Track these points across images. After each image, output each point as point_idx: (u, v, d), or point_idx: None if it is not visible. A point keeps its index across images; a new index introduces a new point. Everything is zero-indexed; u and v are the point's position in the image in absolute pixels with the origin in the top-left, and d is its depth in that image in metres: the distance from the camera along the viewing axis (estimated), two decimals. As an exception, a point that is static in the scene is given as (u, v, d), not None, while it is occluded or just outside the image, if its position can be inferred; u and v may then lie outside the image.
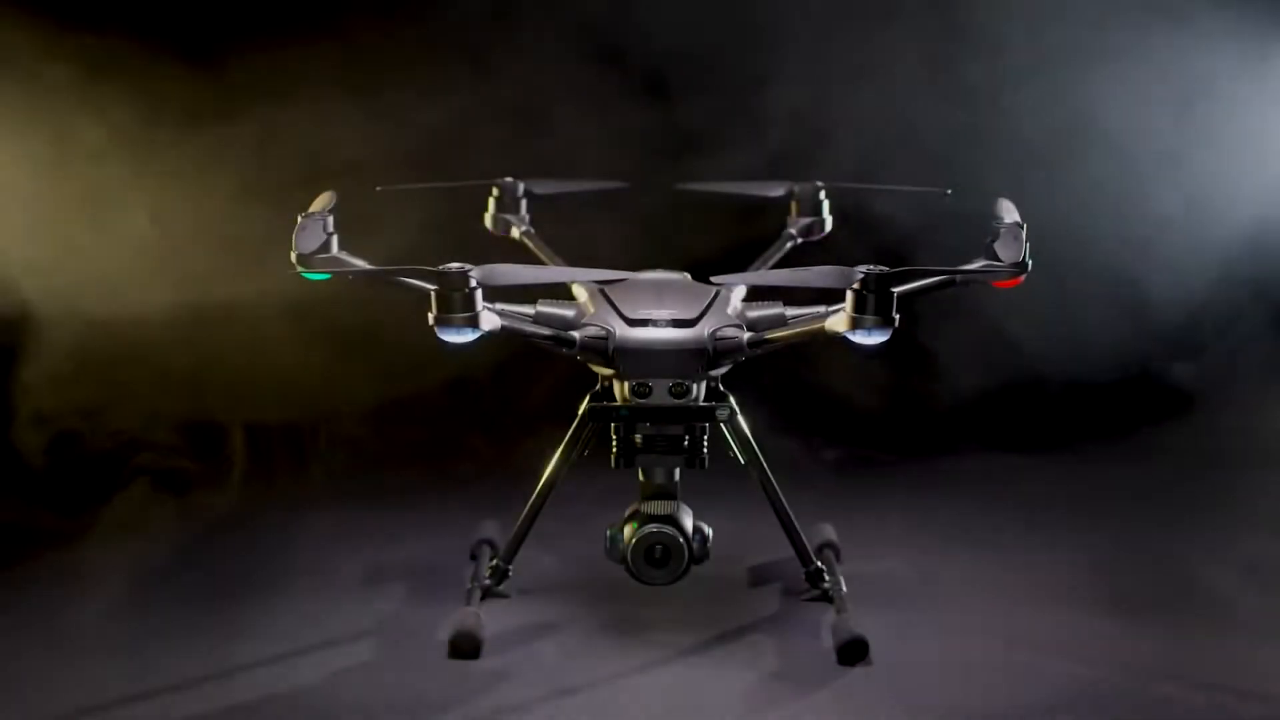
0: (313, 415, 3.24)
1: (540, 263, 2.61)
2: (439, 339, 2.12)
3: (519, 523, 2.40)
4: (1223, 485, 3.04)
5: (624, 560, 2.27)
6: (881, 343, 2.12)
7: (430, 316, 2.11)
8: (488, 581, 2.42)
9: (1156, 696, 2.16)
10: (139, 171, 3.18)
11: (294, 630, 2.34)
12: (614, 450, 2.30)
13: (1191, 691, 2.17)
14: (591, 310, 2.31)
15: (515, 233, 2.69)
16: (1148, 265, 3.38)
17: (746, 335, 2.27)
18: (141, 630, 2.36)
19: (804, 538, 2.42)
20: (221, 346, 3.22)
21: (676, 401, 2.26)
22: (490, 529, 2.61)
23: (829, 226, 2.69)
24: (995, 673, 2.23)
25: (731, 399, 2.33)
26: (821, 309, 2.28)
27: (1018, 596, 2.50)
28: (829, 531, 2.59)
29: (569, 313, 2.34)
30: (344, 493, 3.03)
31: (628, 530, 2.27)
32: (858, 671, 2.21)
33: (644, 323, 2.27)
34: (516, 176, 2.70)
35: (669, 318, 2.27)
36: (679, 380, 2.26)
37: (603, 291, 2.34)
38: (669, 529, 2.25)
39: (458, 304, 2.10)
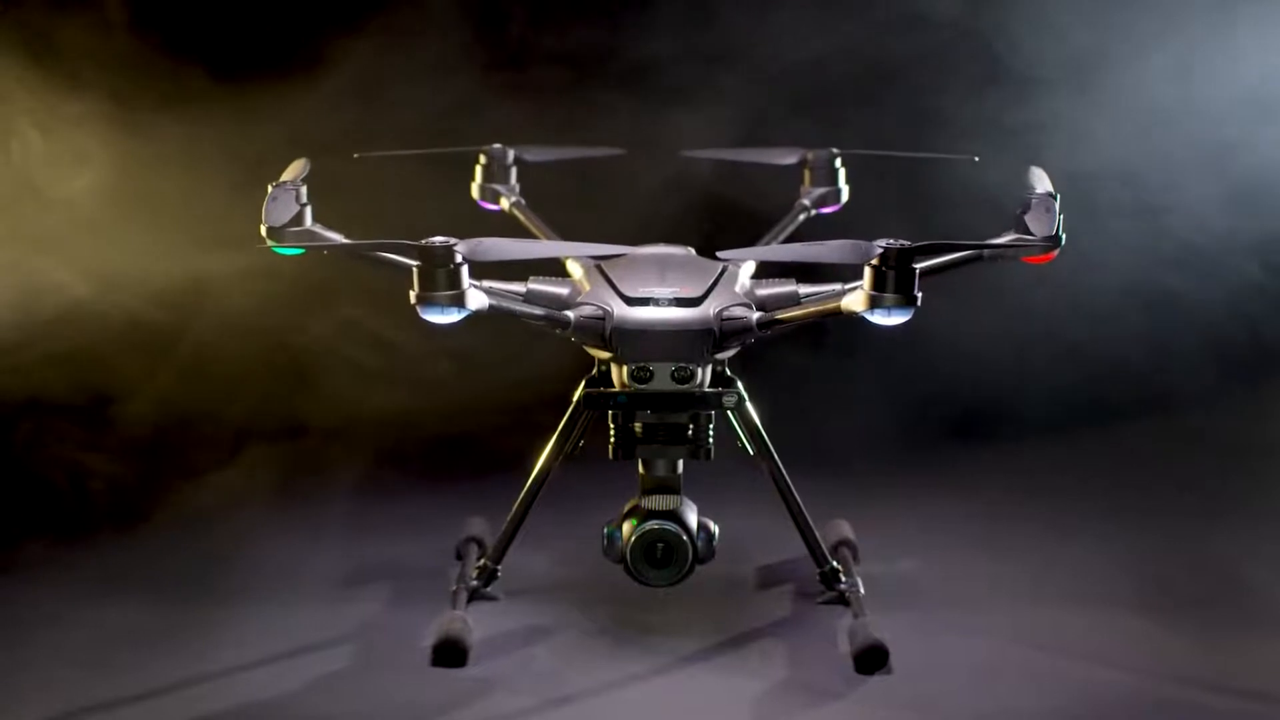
0: (290, 406, 3.25)
1: (532, 236, 2.61)
2: (422, 319, 2.12)
3: (508, 519, 2.40)
4: (1258, 476, 3.05)
5: (623, 559, 2.26)
6: (902, 323, 2.11)
7: (412, 295, 2.10)
8: (475, 583, 2.42)
9: (1193, 703, 2.16)
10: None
11: (267, 636, 2.34)
12: (612, 441, 2.30)
13: (1230, 698, 2.17)
14: (587, 288, 2.31)
15: (504, 204, 2.69)
16: (1178, 252, 3.40)
17: (756, 315, 2.27)
18: (106, 635, 2.36)
19: (818, 535, 2.42)
20: (196, 332, 3.24)
21: (680, 387, 2.26)
22: (477, 526, 2.61)
23: (845, 197, 2.69)
24: (1022, 679, 2.23)
25: (739, 384, 2.33)
26: (837, 286, 2.27)
27: (1044, 597, 2.51)
28: (845, 529, 2.59)
29: (563, 291, 2.33)
30: (320, 488, 3.03)
31: (626, 527, 2.27)
32: (876, 680, 2.21)
33: (644, 301, 2.27)
34: (505, 143, 2.70)
35: (671, 296, 2.27)
36: (682, 364, 2.25)
37: (599, 267, 2.34)
38: (671, 526, 2.25)
39: (442, 281, 2.09)
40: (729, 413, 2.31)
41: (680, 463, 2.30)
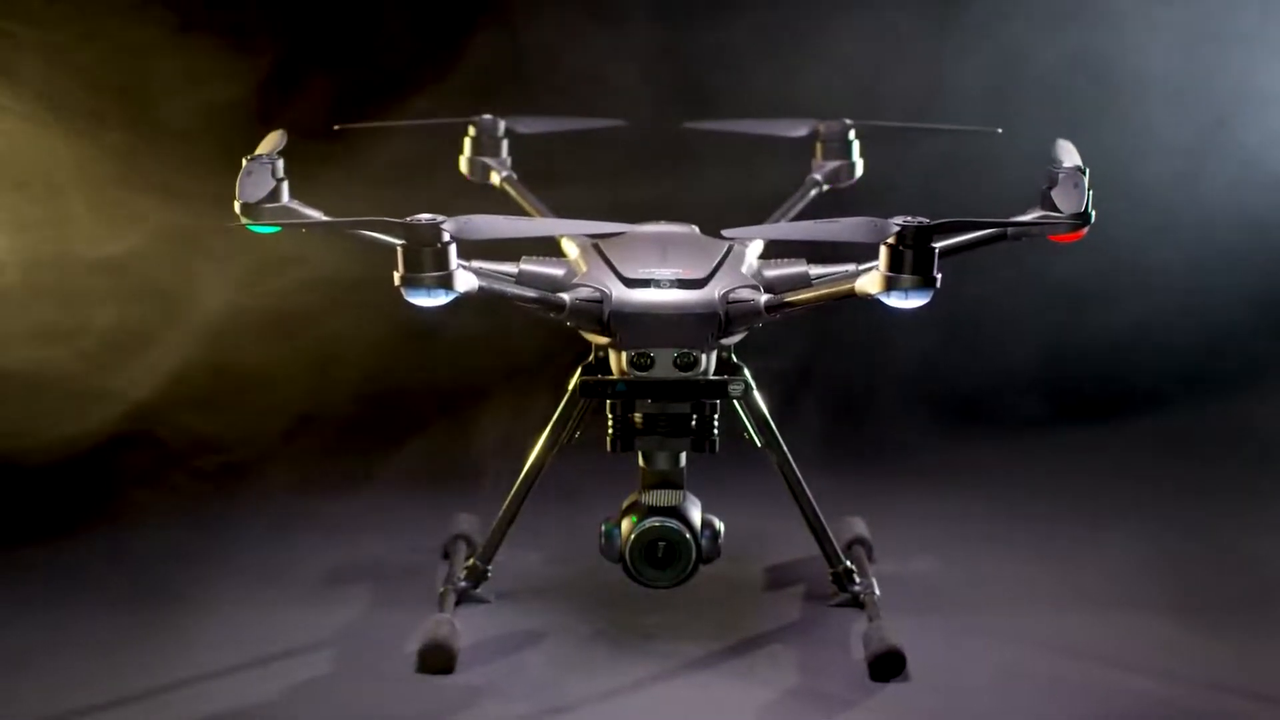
0: (271, 393, 3.25)
1: (524, 213, 2.60)
2: (407, 302, 2.11)
3: (499, 516, 2.40)
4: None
5: (622, 559, 2.26)
6: (920, 306, 2.10)
7: (396, 276, 2.09)
8: (463, 583, 2.43)
9: (1223, 711, 2.17)
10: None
11: (242, 639, 2.35)
12: (610, 432, 2.29)
13: (1262, 706, 2.17)
14: (584, 268, 2.30)
15: (495, 178, 2.69)
16: (1199, 244, 3.42)
17: (764, 298, 2.26)
18: (72, 639, 2.36)
19: (831, 533, 2.41)
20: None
21: (682, 374, 2.25)
22: (466, 523, 2.61)
23: (859, 171, 2.68)
24: (1046, 687, 2.24)
25: (746, 372, 2.32)
26: (851, 267, 2.27)
27: (1069, 599, 2.52)
28: (860, 526, 2.59)
29: (558, 271, 2.32)
30: (300, 482, 3.03)
31: (626, 525, 2.26)
32: (893, 687, 2.21)
33: (645, 283, 2.26)
34: (496, 113, 2.69)
35: (674, 277, 2.26)
36: (685, 350, 2.24)
37: (597, 246, 2.33)
38: (674, 523, 2.24)
39: (428, 261, 2.08)
40: (735, 402, 2.30)
41: (683, 456, 2.29)
